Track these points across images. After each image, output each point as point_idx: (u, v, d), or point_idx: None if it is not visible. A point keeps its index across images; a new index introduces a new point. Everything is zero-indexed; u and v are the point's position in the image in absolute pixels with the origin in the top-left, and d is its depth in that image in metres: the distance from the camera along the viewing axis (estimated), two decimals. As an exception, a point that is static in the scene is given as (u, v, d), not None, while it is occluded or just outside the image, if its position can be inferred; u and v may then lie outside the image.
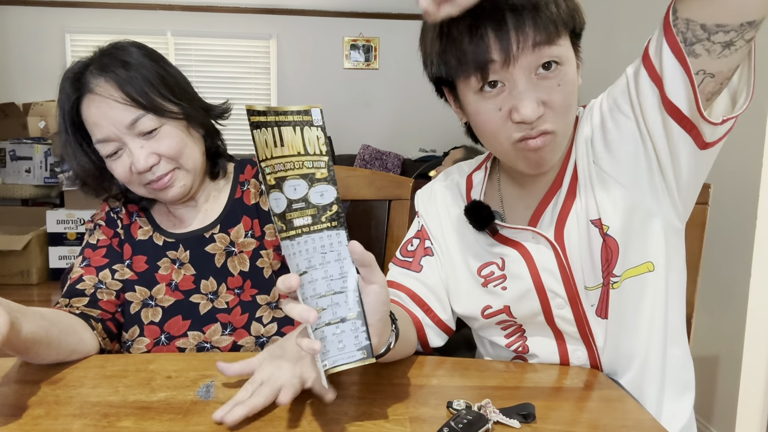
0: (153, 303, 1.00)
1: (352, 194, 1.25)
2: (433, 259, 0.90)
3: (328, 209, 0.58)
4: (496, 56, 0.68)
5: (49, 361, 0.82)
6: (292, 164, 0.57)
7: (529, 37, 0.68)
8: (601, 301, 0.80)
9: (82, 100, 0.92)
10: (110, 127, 0.90)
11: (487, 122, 0.74)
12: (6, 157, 4.19)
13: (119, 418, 0.67)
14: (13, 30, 4.73)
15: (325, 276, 0.58)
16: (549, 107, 0.71)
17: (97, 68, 0.91)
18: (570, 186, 0.81)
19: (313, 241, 0.58)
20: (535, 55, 0.69)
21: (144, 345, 0.98)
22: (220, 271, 1.00)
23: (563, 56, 0.70)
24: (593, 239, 0.78)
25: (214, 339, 0.98)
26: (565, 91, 0.71)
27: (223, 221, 1.03)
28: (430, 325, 0.90)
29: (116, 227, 1.04)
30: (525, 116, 0.69)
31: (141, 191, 0.97)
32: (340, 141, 5.02)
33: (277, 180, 0.57)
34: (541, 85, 0.70)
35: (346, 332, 0.58)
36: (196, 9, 4.93)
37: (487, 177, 0.90)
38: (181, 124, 0.96)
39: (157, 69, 0.94)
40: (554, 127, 0.72)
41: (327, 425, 0.66)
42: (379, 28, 5.18)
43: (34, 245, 3.81)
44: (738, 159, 1.78)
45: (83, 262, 1.00)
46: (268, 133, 0.55)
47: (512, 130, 0.72)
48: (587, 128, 0.81)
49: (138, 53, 0.94)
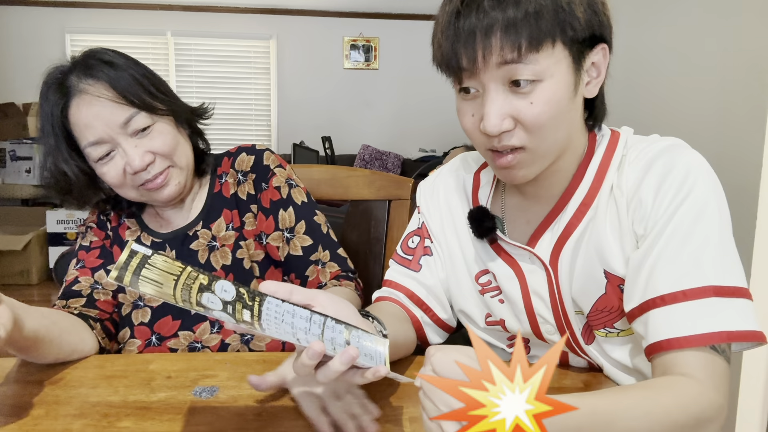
0: (142, 304, 1.00)
1: (352, 194, 1.25)
2: (432, 260, 0.89)
3: (244, 296, 0.56)
4: (464, 64, 0.66)
5: (50, 360, 0.82)
6: (184, 287, 0.54)
7: (494, 53, 0.64)
8: (585, 332, 0.79)
9: (70, 104, 0.90)
10: (103, 127, 0.89)
11: (464, 123, 0.72)
12: (6, 157, 4.19)
13: (119, 418, 0.67)
14: (13, 30, 4.73)
15: (303, 330, 0.57)
16: (519, 122, 0.67)
17: (82, 71, 0.90)
18: (577, 213, 0.75)
19: (267, 320, 0.56)
20: (502, 71, 0.65)
21: (135, 347, 0.98)
22: (203, 268, 1.00)
23: (543, 72, 0.65)
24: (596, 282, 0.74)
25: (204, 338, 0.98)
26: (536, 110, 0.66)
27: (205, 217, 1.02)
28: (429, 324, 0.89)
29: (106, 229, 1.04)
30: (486, 129, 0.67)
31: (132, 195, 0.95)
32: (340, 141, 5.02)
33: (197, 302, 0.54)
34: (513, 99, 0.66)
35: (359, 347, 0.58)
36: (196, 9, 4.92)
37: (496, 180, 0.86)
38: (171, 122, 0.96)
39: (139, 69, 0.94)
40: (525, 144, 0.68)
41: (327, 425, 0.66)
42: (379, 28, 5.18)
43: (34, 245, 3.81)
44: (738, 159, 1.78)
45: (78, 264, 1.00)
46: (144, 283, 0.52)
47: (483, 138, 0.70)
48: (632, 180, 0.72)
49: (120, 56, 0.94)
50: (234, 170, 1.05)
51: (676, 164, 0.68)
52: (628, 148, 0.75)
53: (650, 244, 0.68)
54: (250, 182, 1.03)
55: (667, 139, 0.73)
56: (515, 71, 0.65)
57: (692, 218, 0.66)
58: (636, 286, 0.68)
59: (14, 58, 4.72)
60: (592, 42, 0.69)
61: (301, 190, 1.05)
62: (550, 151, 0.71)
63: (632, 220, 0.71)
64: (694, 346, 0.62)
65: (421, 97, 5.15)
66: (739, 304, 0.63)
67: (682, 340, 0.62)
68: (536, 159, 0.71)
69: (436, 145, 5.20)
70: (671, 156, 0.69)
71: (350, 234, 1.29)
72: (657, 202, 0.68)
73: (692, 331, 0.62)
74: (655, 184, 0.69)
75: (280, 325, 0.57)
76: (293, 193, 1.03)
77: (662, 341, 0.64)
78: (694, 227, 0.66)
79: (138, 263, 0.53)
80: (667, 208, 0.67)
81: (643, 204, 0.69)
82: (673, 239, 0.66)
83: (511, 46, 0.63)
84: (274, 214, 1.02)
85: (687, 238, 0.65)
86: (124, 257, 0.52)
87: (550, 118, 0.67)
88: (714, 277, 0.64)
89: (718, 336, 0.62)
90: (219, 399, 0.72)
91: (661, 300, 0.65)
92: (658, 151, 0.71)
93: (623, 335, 0.77)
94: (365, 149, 4.94)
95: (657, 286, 0.66)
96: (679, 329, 0.63)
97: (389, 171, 4.84)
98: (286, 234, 1.01)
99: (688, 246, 0.65)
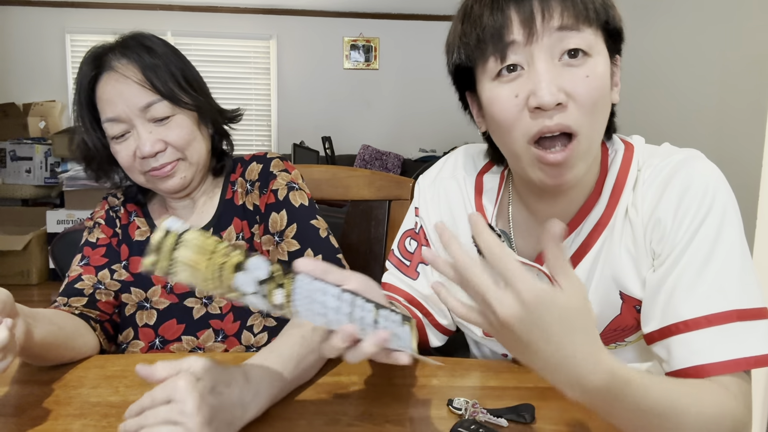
0: (148, 305, 0.99)
1: (352, 194, 1.25)
2: (429, 268, 0.87)
3: (275, 274, 0.56)
4: (516, 33, 0.62)
5: (52, 363, 0.82)
6: (219, 268, 0.54)
7: (555, 16, 0.61)
8: None
9: (100, 78, 0.92)
10: (123, 106, 0.90)
11: (501, 111, 0.65)
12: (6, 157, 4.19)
13: (119, 419, 0.67)
14: (13, 30, 4.72)
15: (334, 309, 0.57)
16: (572, 99, 0.62)
17: (120, 50, 0.92)
18: (593, 233, 0.72)
19: (299, 299, 0.57)
20: (560, 37, 0.62)
21: (138, 349, 0.98)
22: None
23: (593, 48, 0.63)
24: (611, 305, 0.73)
25: (207, 345, 0.97)
26: (592, 85, 0.62)
27: (216, 223, 1.01)
28: (429, 327, 0.89)
29: (115, 227, 1.03)
30: (542, 100, 0.61)
31: (140, 179, 0.95)
32: (340, 141, 5.02)
33: (229, 286, 0.55)
34: (566, 72, 0.62)
35: (388, 327, 0.58)
36: (196, 9, 4.92)
37: (502, 188, 0.81)
38: (193, 117, 0.95)
39: (177, 60, 0.95)
40: (577, 126, 0.63)
41: (327, 425, 0.66)
42: (379, 28, 5.18)
43: (34, 245, 3.81)
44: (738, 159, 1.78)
45: (82, 260, 1.00)
46: (180, 266, 0.53)
47: (528, 122, 0.64)
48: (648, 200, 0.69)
49: (162, 44, 0.95)
50: (243, 179, 1.03)
51: (694, 181, 0.66)
52: (642, 163, 0.72)
53: (670, 265, 0.66)
54: (256, 192, 1.01)
55: (681, 152, 0.71)
56: (572, 39, 0.62)
57: (712, 239, 0.64)
58: (655, 308, 0.67)
59: (14, 58, 4.72)
60: (615, 44, 0.68)
61: (303, 193, 1.00)
62: (595, 145, 0.68)
63: (650, 240, 0.69)
64: (721, 373, 0.61)
65: (421, 97, 5.15)
66: (762, 328, 0.62)
67: (708, 368, 0.61)
68: (586, 153, 0.66)
69: (436, 145, 5.20)
70: (687, 172, 0.67)
71: (350, 234, 1.29)
72: (676, 223, 0.66)
73: (718, 358, 0.61)
74: (674, 204, 0.66)
75: (312, 305, 0.57)
76: (292, 195, 0.99)
77: (688, 368, 0.62)
78: (714, 248, 0.64)
79: (173, 242, 0.53)
80: (687, 229, 0.65)
81: (661, 224, 0.67)
82: (693, 261, 0.64)
83: (570, 13, 0.61)
84: (267, 217, 0.99)
85: (708, 260, 0.64)
86: (157, 238, 0.52)
87: (602, 96, 0.64)
88: (737, 300, 0.62)
89: (745, 362, 0.61)
90: (219, 399, 0.72)
91: (684, 326, 0.63)
92: (673, 167, 0.69)
93: (631, 345, 0.77)
94: (365, 149, 4.94)
95: (679, 310, 0.64)
96: (704, 356, 0.62)
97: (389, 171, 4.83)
98: (276, 238, 0.97)
99: (710, 268, 0.64)
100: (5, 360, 0.62)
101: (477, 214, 0.51)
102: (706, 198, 0.65)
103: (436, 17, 5.07)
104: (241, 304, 0.92)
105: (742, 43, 1.91)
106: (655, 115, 2.41)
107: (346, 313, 0.57)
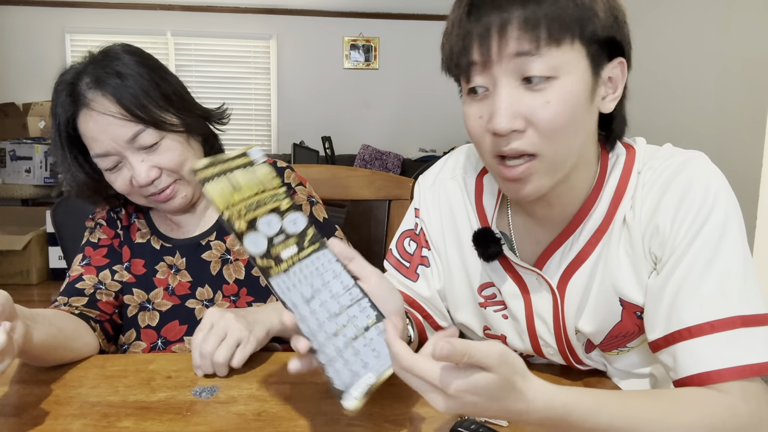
0: (150, 306, 0.99)
1: (352, 194, 1.25)
2: (429, 271, 0.86)
3: (306, 234, 0.58)
4: (476, 56, 0.62)
5: (52, 365, 0.82)
6: (257, 203, 0.58)
7: (511, 43, 0.59)
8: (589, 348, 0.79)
9: (79, 115, 0.89)
10: (110, 142, 0.88)
11: (470, 128, 0.66)
12: (6, 157, 4.19)
13: (119, 418, 0.67)
14: (13, 30, 4.73)
15: (332, 295, 0.58)
16: (533, 126, 0.62)
17: (92, 81, 0.88)
18: (592, 239, 0.71)
19: (306, 267, 0.58)
20: (519, 63, 0.60)
21: (140, 350, 0.98)
22: (215, 279, 0.99)
23: (562, 68, 0.60)
24: (611, 312, 0.72)
25: None
26: (553, 111, 0.61)
27: (219, 228, 1.02)
28: (429, 329, 0.89)
29: (116, 228, 1.03)
30: (496, 128, 0.61)
31: (142, 201, 0.96)
32: (340, 141, 5.02)
33: (249, 222, 0.57)
34: (527, 97, 0.61)
35: (374, 339, 0.58)
36: (196, 9, 4.92)
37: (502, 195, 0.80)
38: (182, 136, 0.94)
39: (153, 77, 0.90)
40: (535, 150, 0.62)
41: (327, 425, 0.66)
42: (379, 28, 5.18)
43: (34, 245, 3.81)
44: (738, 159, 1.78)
45: (83, 260, 1.00)
46: (221, 182, 0.56)
47: (490, 141, 0.64)
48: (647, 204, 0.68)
49: (132, 61, 0.90)
50: None
51: (693, 184, 0.65)
52: (643, 166, 0.71)
53: (670, 270, 0.65)
54: None
55: (682, 154, 0.69)
56: (529, 65, 0.60)
57: (714, 243, 0.63)
58: (658, 315, 0.66)
59: (14, 58, 4.72)
60: (610, 50, 0.64)
61: (321, 207, 1.04)
62: (564, 162, 0.65)
63: (649, 246, 0.68)
64: (726, 380, 0.60)
65: (421, 97, 5.15)
66: (766, 334, 0.62)
67: (713, 375, 0.61)
68: (549, 169, 0.65)
69: (436, 145, 5.20)
70: (687, 175, 0.66)
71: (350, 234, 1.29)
72: (675, 227, 0.65)
73: (723, 364, 0.60)
74: (673, 208, 0.65)
75: (312, 278, 0.58)
76: (315, 210, 1.03)
77: (693, 376, 0.62)
78: (716, 252, 0.63)
79: (239, 164, 0.56)
80: (686, 233, 0.64)
81: (660, 230, 0.66)
82: (695, 266, 0.63)
83: (529, 38, 0.59)
84: None
85: (710, 264, 0.63)
86: (232, 154, 0.55)
87: (567, 120, 0.62)
88: (740, 305, 0.62)
89: (750, 369, 0.60)
90: (219, 399, 0.72)
91: (688, 332, 0.63)
92: (673, 169, 0.67)
93: (634, 350, 0.76)
94: (365, 149, 4.94)
95: (682, 316, 0.63)
96: (709, 363, 0.61)
97: (389, 171, 4.83)
98: None
99: (712, 273, 0.63)
100: (3, 363, 0.62)
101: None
102: (707, 201, 0.64)
103: (436, 17, 5.07)
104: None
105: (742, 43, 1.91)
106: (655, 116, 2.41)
107: (343, 305, 0.58)
